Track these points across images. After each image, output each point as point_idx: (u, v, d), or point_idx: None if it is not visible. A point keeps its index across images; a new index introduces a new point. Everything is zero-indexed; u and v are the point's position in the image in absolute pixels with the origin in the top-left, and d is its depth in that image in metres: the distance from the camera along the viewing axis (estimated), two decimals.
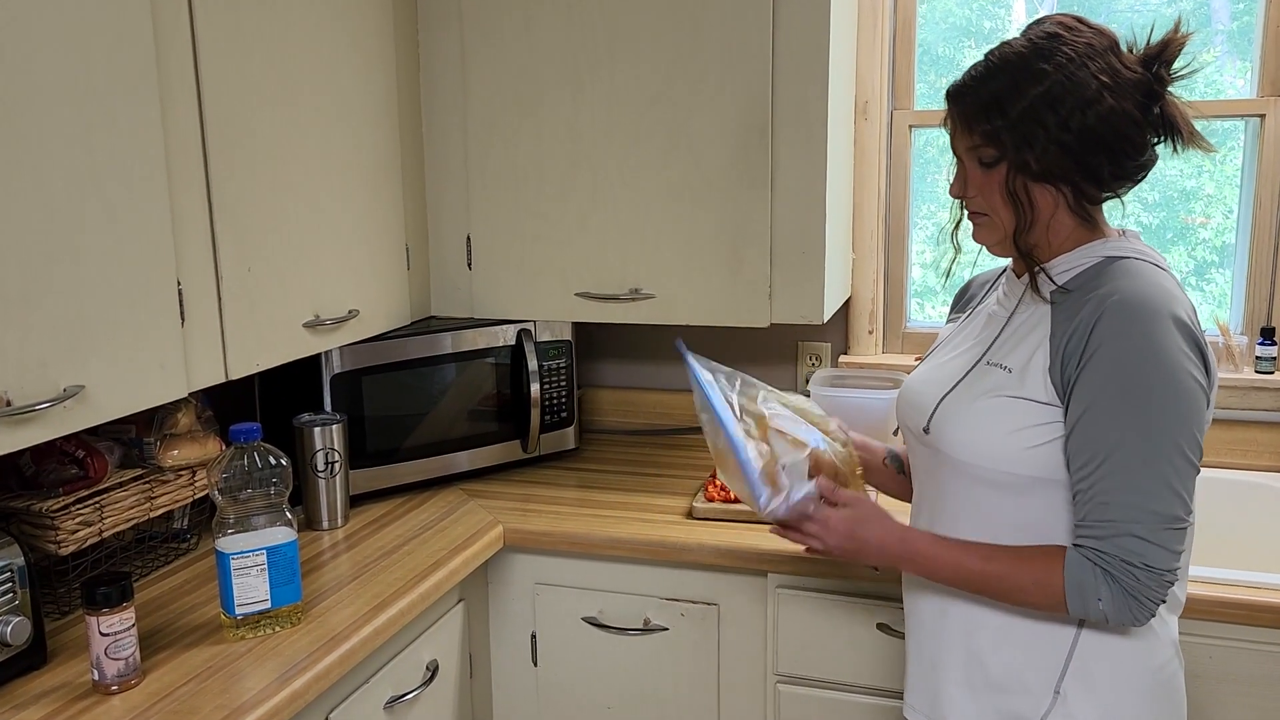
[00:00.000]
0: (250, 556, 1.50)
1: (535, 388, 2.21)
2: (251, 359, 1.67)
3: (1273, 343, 2.14)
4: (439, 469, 2.18)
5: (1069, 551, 1.21)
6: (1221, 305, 2.25)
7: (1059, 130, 1.20)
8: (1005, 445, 1.25)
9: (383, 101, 1.96)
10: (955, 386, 1.33)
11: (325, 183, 1.81)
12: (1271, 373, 2.15)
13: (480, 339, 2.19)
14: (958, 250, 1.39)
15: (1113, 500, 1.17)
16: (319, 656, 1.46)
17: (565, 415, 2.32)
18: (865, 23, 2.26)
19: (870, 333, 2.39)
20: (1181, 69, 1.24)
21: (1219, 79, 2.17)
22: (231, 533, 1.50)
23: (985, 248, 1.34)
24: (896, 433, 1.59)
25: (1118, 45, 1.24)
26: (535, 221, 2.10)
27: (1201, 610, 1.60)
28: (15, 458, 1.62)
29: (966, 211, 1.34)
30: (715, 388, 1.39)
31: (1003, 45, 1.27)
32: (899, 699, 1.74)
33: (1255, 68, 2.12)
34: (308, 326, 1.79)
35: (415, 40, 2.08)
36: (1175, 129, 1.24)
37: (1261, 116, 2.11)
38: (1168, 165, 2.22)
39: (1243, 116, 2.14)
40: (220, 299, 1.59)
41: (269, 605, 1.52)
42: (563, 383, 2.30)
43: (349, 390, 2.04)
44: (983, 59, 1.27)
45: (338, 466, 1.95)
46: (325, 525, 1.96)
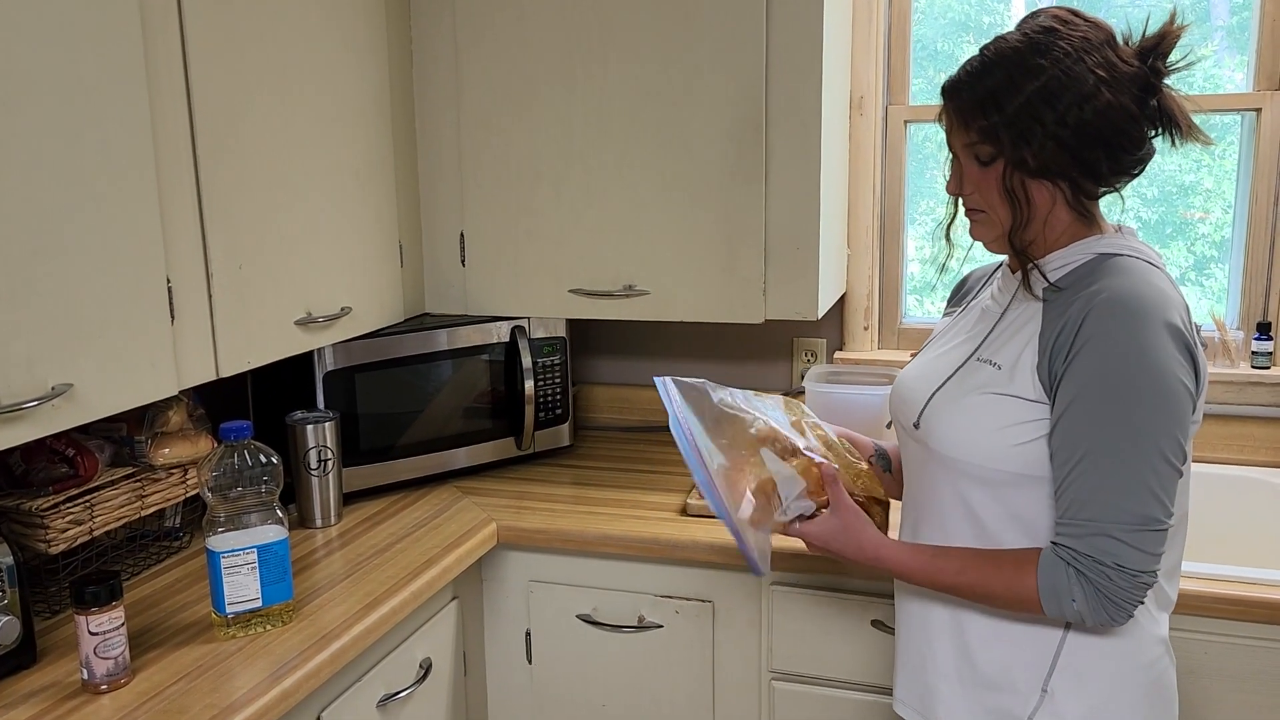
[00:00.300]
0: (241, 555, 1.49)
1: (529, 385, 2.21)
2: (243, 357, 1.66)
3: (1269, 337, 2.13)
4: (433, 466, 2.18)
5: (1044, 552, 1.21)
6: (1221, 301, 2.24)
7: (1056, 126, 1.19)
8: (993, 441, 1.24)
9: (376, 97, 1.96)
10: (946, 382, 1.32)
11: (317, 179, 1.80)
12: (1268, 368, 2.14)
13: (474, 336, 2.19)
14: (951, 247, 1.39)
15: (1090, 499, 1.17)
16: (310, 655, 1.46)
17: (560, 412, 2.31)
18: (860, 17, 2.25)
19: (865, 329, 2.39)
20: (1178, 61, 1.23)
21: (1217, 74, 2.17)
22: (222, 531, 1.50)
23: (982, 244, 1.34)
24: (890, 426, 1.59)
25: (1114, 38, 1.23)
26: (529, 218, 2.09)
27: (1196, 606, 1.59)
28: (5, 456, 1.62)
29: (963, 208, 1.33)
30: (686, 435, 1.35)
31: (998, 40, 1.26)
32: (892, 695, 1.73)
33: (1252, 62, 2.11)
34: (300, 324, 1.78)
35: (408, 35, 2.08)
36: (1173, 122, 1.23)
37: (1258, 110, 2.10)
38: (1166, 160, 2.21)
39: (1239, 111, 2.13)
40: (210, 296, 1.58)
41: (260, 604, 1.52)
42: (557, 380, 2.29)
43: (342, 388, 2.03)
44: (978, 54, 1.26)
45: (330, 464, 1.95)
46: (318, 523, 1.95)
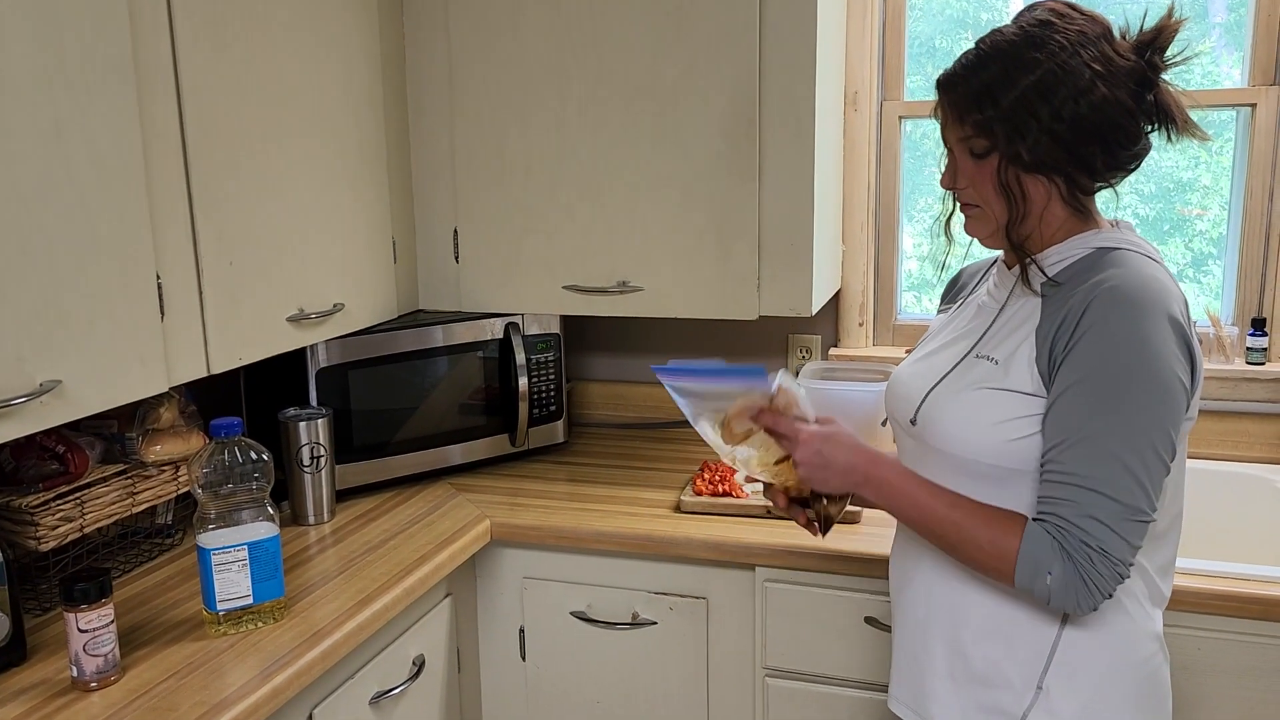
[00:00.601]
0: (231, 552, 1.49)
1: (523, 381, 2.20)
2: (234, 353, 1.65)
3: (1264, 333, 2.13)
4: (427, 463, 2.17)
5: (1030, 524, 1.19)
6: (1218, 297, 2.23)
7: (1051, 120, 1.19)
8: (990, 437, 1.24)
9: (368, 92, 1.95)
10: (944, 378, 1.32)
11: (309, 175, 1.80)
12: (1262, 363, 2.14)
13: (468, 333, 2.18)
14: (950, 242, 1.38)
15: (1080, 483, 1.16)
16: (301, 652, 1.45)
17: (554, 409, 2.31)
18: (855, 13, 2.25)
19: (860, 325, 2.38)
20: (1175, 56, 1.22)
21: (1215, 70, 2.16)
22: (213, 528, 1.49)
23: (978, 240, 1.33)
24: (885, 424, 1.58)
25: (1110, 32, 1.23)
26: (522, 214, 2.09)
27: (1190, 602, 1.59)
28: None
29: (958, 203, 1.33)
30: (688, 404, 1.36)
31: (994, 33, 1.25)
32: (886, 692, 1.73)
33: (1247, 57, 2.11)
34: (292, 320, 1.78)
35: (401, 30, 2.07)
36: (1169, 117, 1.23)
37: (1253, 106, 2.10)
38: (1164, 157, 2.21)
39: (1234, 106, 2.13)
40: (201, 293, 1.58)
41: (251, 601, 1.51)
42: (551, 376, 2.29)
43: (335, 384, 2.03)
44: (973, 47, 1.26)
45: (323, 461, 1.94)
46: (311, 520, 1.95)
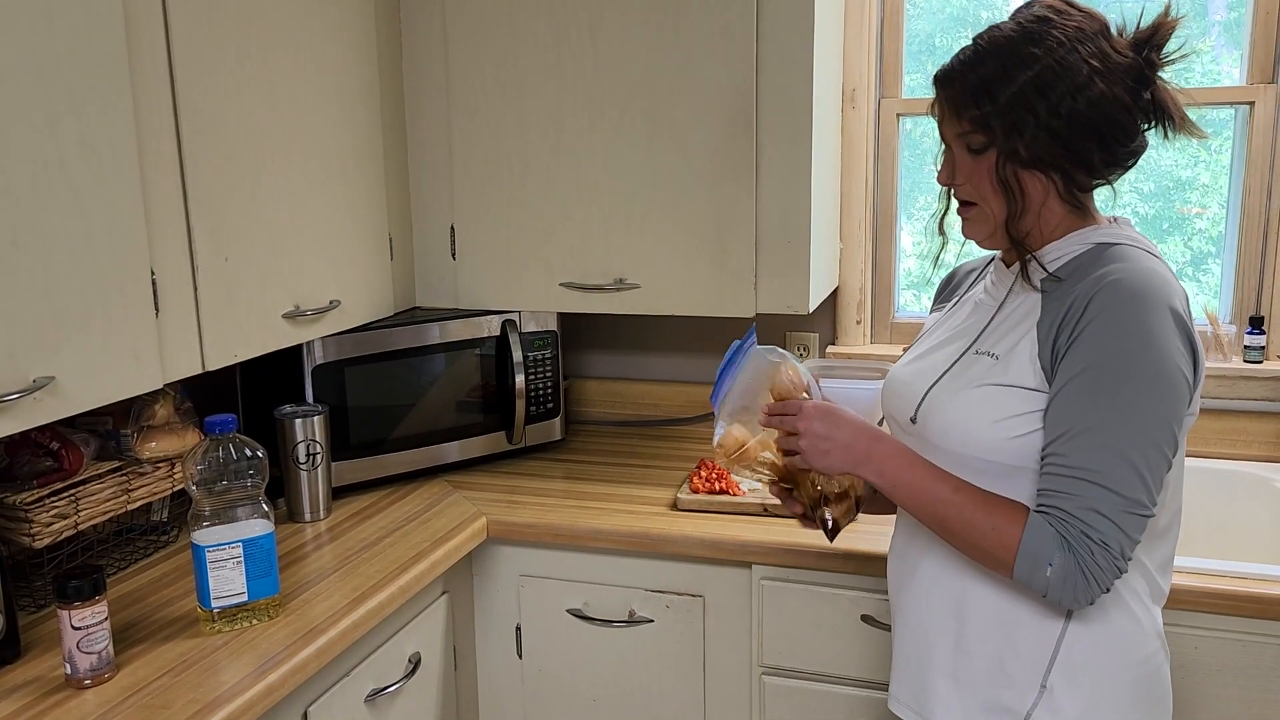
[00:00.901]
0: (226, 549, 1.48)
1: (520, 379, 2.20)
2: (229, 350, 1.65)
3: (1261, 332, 2.13)
4: (423, 460, 2.17)
5: (1033, 515, 1.19)
6: (1216, 296, 2.23)
7: (1049, 116, 1.18)
8: (991, 433, 1.23)
9: (365, 89, 1.94)
10: (943, 376, 1.32)
11: (305, 171, 1.79)
12: (1260, 362, 2.14)
13: (465, 330, 2.17)
14: (945, 239, 1.37)
15: (1081, 475, 1.16)
16: (296, 649, 1.45)
17: (551, 406, 2.30)
18: (853, 9, 2.24)
19: (858, 323, 2.38)
20: (1173, 53, 1.22)
21: (1215, 69, 2.16)
22: (208, 525, 1.49)
23: (975, 242, 1.32)
24: (881, 423, 1.57)
25: (1108, 29, 1.22)
26: (519, 211, 2.08)
27: (1187, 601, 1.58)
28: None
29: (955, 201, 1.32)
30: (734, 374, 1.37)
31: (991, 29, 1.25)
32: (883, 690, 1.72)
33: (1245, 55, 2.10)
34: (287, 317, 1.77)
35: (398, 27, 2.06)
36: (1166, 114, 1.23)
37: (1251, 104, 2.10)
38: (1163, 155, 2.20)
39: (1232, 104, 2.12)
40: (196, 289, 1.58)
41: (245, 598, 1.51)
42: (548, 374, 2.28)
43: (332, 381, 2.02)
44: (971, 43, 1.25)
45: (319, 458, 1.94)
46: (307, 517, 1.94)
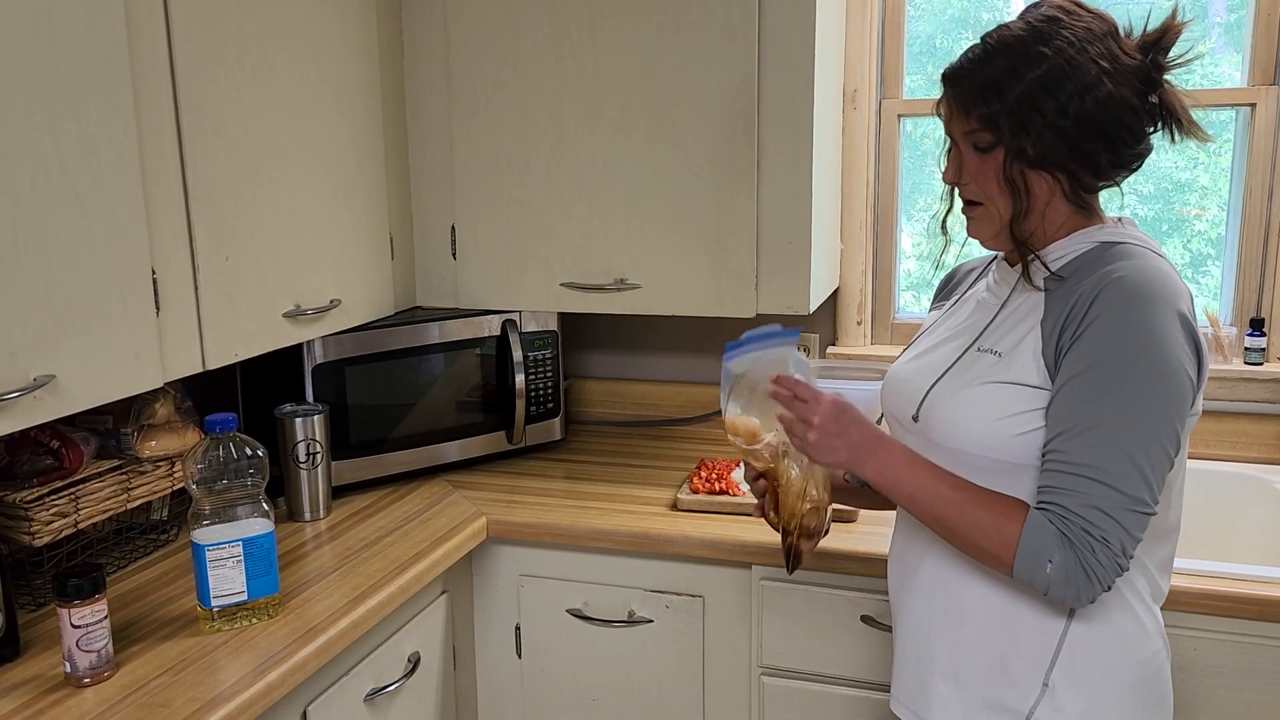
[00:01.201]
0: (226, 548, 1.48)
1: (520, 379, 2.20)
2: (230, 349, 1.65)
3: (1262, 334, 2.13)
4: (423, 460, 2.17)
5: (1033, 511, 1.19)
6: (1216, 298, 2.23)
7: (1057, 116, 1.19)
8: (994, 431, 1.23)
9: (366, 87, 1.94)
10: (945, 373, 1.32)
11: (306, 171, 1.79)
12: (1261, 364, 2.14)
13: (465, 329, 2.17)
14: (947, 239, 1.37)
15: (1083, 472, 1.16)
16: (296, 648, 1.45)
17: (551, 406, 2.30)
18: (854, 11, 2.24)
19: (859, 324, 2.38)
20: (1179, 57, 1.22)
21: (1215, 71, 2.16)
22: (208, 524, 1.49)
23: (980, 243, 1.32)
24: (880, 422, 1.57)
25: (1116, 31, 1.23)
26: (520, 211, 2.08)
27: (1187, 602, 1.58)
28: None
29: (960, 200, 1.32)
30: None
31: (1000, 28, 1.25)
32: (883, 691, 1.73)
33: (1246, 57, 2.10)
34: (288, 316, 1.77)
35: (399, 26, 2.06)
36: (1174, 117, 1.23)
37: (1252, 106, 2.09)
38: (1163, 157, 2.20)
39: (1233, 106, 2.12)
40: (197, 288, 1.58)
41: (245, 597, 1.51)
42: (548, 373, 2.28)
43: (332, 380, 2.02)
44: (980, 42, 1.26)
45: (319, 458, 1.94)
46: (307, 516, 1.94)
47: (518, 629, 1.99)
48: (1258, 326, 2.13)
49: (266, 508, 1.54)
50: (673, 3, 1.91)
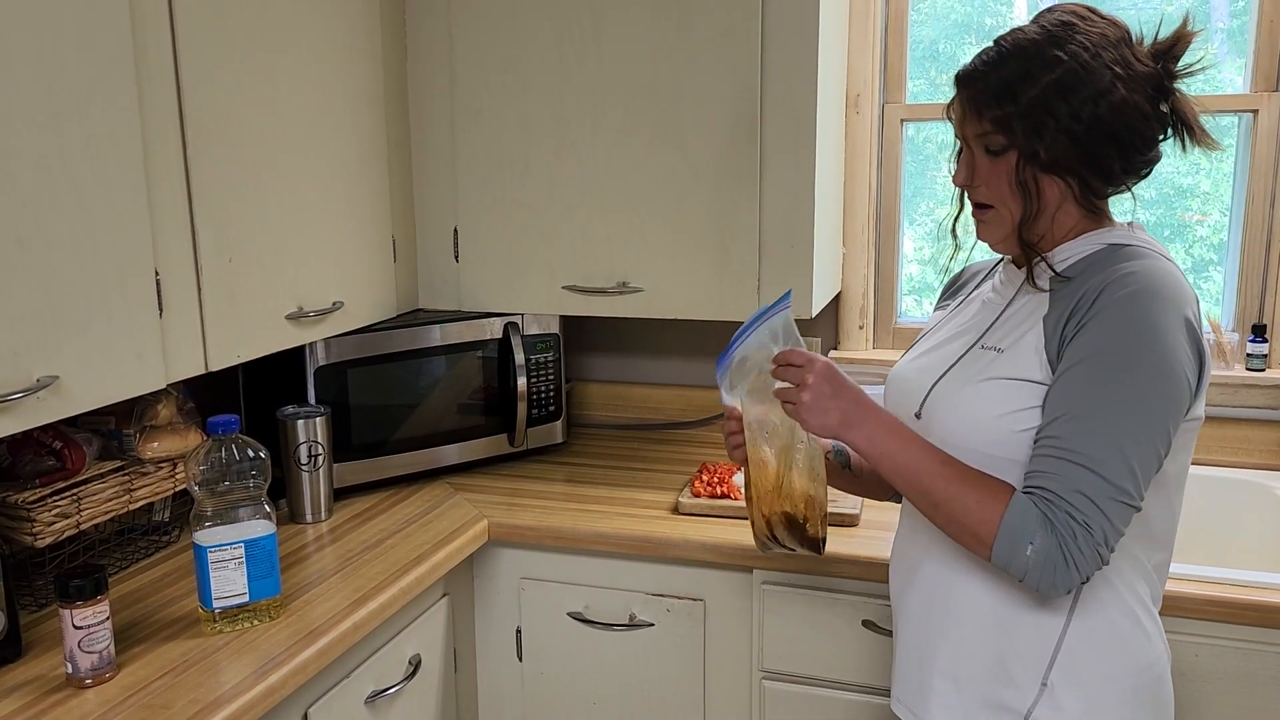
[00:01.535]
0: (228, 550, 1.48)
1: (521, 381, 2.20)
2: (232, 350, 1.65)
3: (1264, 340, 2.13)
4: (425, 462, 2.17)
5: (1017, 494, 1.19)
6: (1217, 304, 2.23)
7: (1070, 120, 1.19)
8: (998, 427, 1.24)
9: (369, 89, 1.95)
10: (949, 370, 1.32)
11: (309, 173, 1.80)
12: (1262, 370, 2.14)
13: (467, 332, 2.18)
14: (957, 245, 1.37)
15: (1071, 457, 1.16)
16: (297, 650, 1.45)
17: (553, 409, 2.30)
18: (857, 15, 2.24)
19: (861, 328, 2.38)
20: (1189, 65, 1.23)
21: (1218, 77, 2.16)
22: (209, 525, 1.49)
23: (989, 245, 1.32)
24: None
25: (1130, 37, 1.23)
26: (522, 213, 2.08)
27: (1188, 608, 1.58)
28: None
29: (970, 203, 1.32)
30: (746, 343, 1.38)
31: (1015, 31, 1.25)
32: (884, 696, 1.73)
33: (1249, 63, 2.10)
34: (290, 318, 1.77)
35: (403, 29, 2.07)
36: (1186, 125, 1.24)
37: (1254, 112, 2.10)
38: (1164, 162, 2.17)
39: (1235, 112, 2.12)
40: (200, 289, 1.58)
41: (247, 599, 1.51)
42: (550, 376, 2.28)
43: (334, 382, 2.02)
44: (994, 44, 1.26)
45: (321, 459, 1.94)
46: (309, 518, 1.95)
47: (519, 632, 1.99)
48: (1259, 332, 2.13)
49: (268, 509, 1.54)
50: (676, 6, 1.92)
